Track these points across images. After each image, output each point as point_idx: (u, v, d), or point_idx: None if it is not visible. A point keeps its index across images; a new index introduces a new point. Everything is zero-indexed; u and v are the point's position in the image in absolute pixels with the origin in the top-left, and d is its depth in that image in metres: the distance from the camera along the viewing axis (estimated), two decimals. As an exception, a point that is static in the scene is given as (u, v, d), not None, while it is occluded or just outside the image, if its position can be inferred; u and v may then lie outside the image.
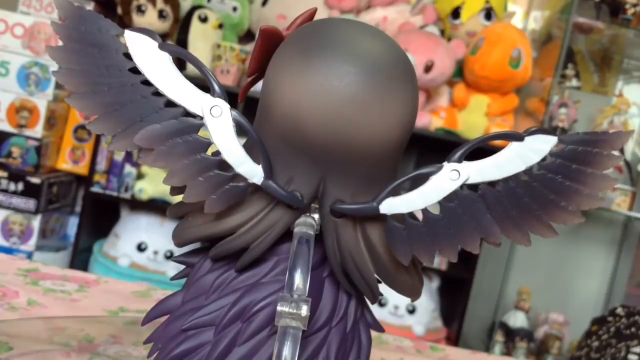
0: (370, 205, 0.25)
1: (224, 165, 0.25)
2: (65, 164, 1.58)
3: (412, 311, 1.49)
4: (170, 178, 0.24)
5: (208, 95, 0.25)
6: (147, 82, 0.25)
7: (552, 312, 1.69)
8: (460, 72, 1.60)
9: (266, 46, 0.27)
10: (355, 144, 0.24)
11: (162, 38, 1.11)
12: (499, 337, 1.65)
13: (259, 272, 0.27)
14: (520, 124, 1.62)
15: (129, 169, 1.50)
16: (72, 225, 1.65)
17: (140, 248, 1.48)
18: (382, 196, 0.25)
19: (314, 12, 0.29)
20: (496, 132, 0.26)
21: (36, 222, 1.48)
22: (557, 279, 1.80)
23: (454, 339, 1.58)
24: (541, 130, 0.26)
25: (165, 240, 1.49)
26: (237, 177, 0.25)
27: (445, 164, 0.25)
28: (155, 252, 1.48)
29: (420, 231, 0.25)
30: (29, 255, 1.47)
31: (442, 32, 1.66)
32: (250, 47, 1.58)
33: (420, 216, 0.26)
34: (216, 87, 0.25)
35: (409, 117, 0.26)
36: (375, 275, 0.27)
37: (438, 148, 1.35)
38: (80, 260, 1.54)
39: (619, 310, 1.50)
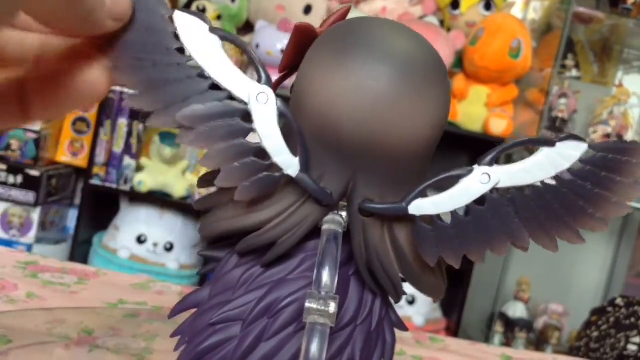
0: (399, 206, 0.25)
1: (261, 154, 0.24)
2: (64, 157, 1.58)
3: (411, 302, 1.49)
4: (207, 160, 0.24)
5: (255, 82, 0.24)
6: (193, 64, 0.24)
7: (552, 303, 1.69)
8: (459, 62, 1.59)
9: (299, 43, 0.27)
10: (387, 144, 0.24)
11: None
12: (499, 327, 1.66)
13: (285, 269, 0.26)
14: (520, 114, 1.62)
15: (128, 161, 1.50)
16: (72, 217, 1.65)
17: (140, 240, 1.48)
18: (411, 197, 0.25)
19: (347, 10, 0.28)
20: (528, 137, 0.26)
21: (35, 215, 1.48)
22: (556, 270, 1.80)
23: (454, 330, 1.58)
24: (572, 137, 0.25)
25: (164, 233, 1.49)
26: (272, 167, 0.24)
27: (475, 167, 0.25)
28: (155, 244, 1.48)
29: (449, 233, 0.25)
30: (29, 248, 1.47)
31: (442, 23, 1.65)
32: (249, 38, 1.58)
33: (446, 218, 0.26)
34: (263, 75, 0.24)
35: (442, 118, 0.26)
36: (400, 275, 0.27)
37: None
38: (80, 252, 1.54)
39: (619, 301, 1.50)
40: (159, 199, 1.51)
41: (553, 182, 0.25)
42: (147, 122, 0.24)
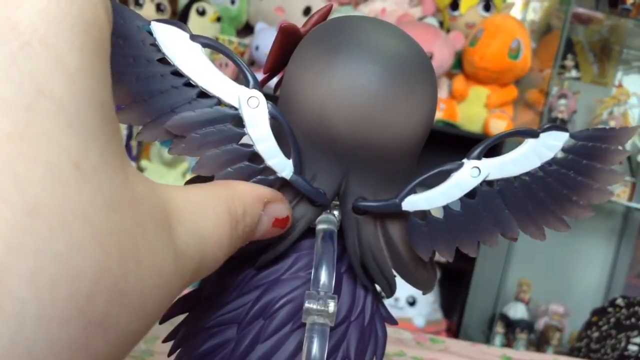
0: (392, 202, 0.25)
1: (255, 158, 0.24)
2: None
3: (412, 303, 1.49)
4: (200, 167, 0.24)
5: (243, 86, 0.24)
6: (177, 73, 0.24)
7: (552, 303, 1.69)
8: (459, 63, 1.60)
9: (285, 44, 0.27)
10: (379, 143, 0.24)
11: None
12: (500, 328, 1.66)
13: (279, 269, 0.26)
14: (519, 115, 1.62)
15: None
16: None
17: (140, 242, 1.48)
18: (404, 193, 0.25)
19: (329, 9, 0.28)
20: (513, 129, 0.27)
21: (36, 217, 1.48)
22: (557, 270, 1.80)
23: (455, 331, 1.58)
24: (554, 127, 0.26)
25: (165, 234, 1.49)
26: (266, 170, 0.24)
27: (465, 160, 0.25)
28: (155, 246, 1.48)
29: (442, 227, 0.26)
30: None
31: (441, 24, 1.65)
32: (248, 40, 1.58)
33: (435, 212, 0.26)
34: (250, 79, 0.24)
35: (431, 115, 0.26)
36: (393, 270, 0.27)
37: (437, 140, 1.35)
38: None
39: (619, 301, 1.50)
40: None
41: (538, 172, 0.26)
42: (138, 138, 0.24)
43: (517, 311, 1.67)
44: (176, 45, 0.24)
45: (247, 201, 0.22)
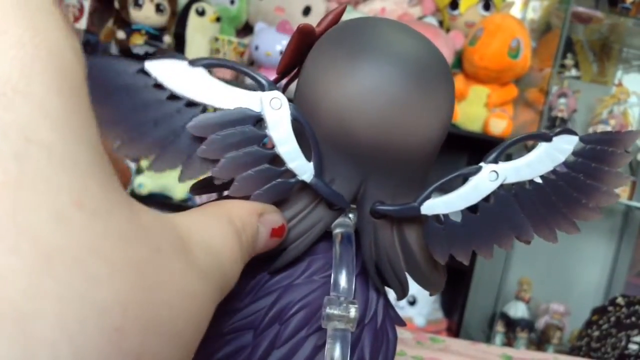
0: (412, 206, 0.25)
1: (276, 160, 0.24)
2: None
3: (412, 302, 1.49)
4: (221, 169, 0.23)
5: (260, 91, 0.23)
6: (192, 104, 0.23)
7: (553, 302, 1.69)
8: (459, 63, 1.60)
9: (301, 45, 0.26)
10: (400, 146, 0.24)
11: (160, 32, 1.12)
12: (500, 327, 1.66)
13: (293, 273, 0.26)
14: (519, 114, 1.62)
15: (128, 163, 1.50)
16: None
17: (141, 242, 1.48)
18: (422, 197, 0.25)
19: (343, 9, 0.28)
20: (527, 133, 0.27)
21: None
22: (557, 269, 1.80)
23: (455, 330, 1.58)
24: (565, 131, 0.26)
25: (165, 235, 1.49)
26: (286, 173, 0.24)
27: (483, 164, 0.26)
28: (156, 247, 1.48)
29: (459, 231, 0.26)
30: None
31: (441, 23, 1.65)
32: (248, 39, 1.58)
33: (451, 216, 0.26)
34: (265, 82, 0.23)
35: (449, 118, 0.26)
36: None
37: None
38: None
39: (619, 300, 1.50)
40: (159, 202, 1.51)
41: (551, 176, 0.26)
42: (155, 170, 0.23)
43: (518, 310, 1.67)
44: (178, 77, 0.23)
45: (242, 214, 0.22)
